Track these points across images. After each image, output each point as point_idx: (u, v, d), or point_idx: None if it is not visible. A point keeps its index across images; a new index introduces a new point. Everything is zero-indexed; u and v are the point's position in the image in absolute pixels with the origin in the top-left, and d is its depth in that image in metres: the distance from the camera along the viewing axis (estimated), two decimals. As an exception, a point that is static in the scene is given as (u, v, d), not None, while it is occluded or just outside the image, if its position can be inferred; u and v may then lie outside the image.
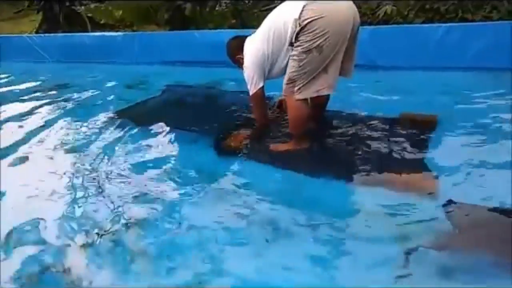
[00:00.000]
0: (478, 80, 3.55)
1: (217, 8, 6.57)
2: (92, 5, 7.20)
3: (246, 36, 2.70)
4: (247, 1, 6.57)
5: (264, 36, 2.49)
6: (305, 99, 2.41)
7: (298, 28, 2.26)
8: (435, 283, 1.51)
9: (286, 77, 2.42)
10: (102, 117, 3.50)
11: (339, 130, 2.76)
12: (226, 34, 4.38)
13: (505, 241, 1.64)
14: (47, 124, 3.49)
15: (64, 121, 3.57)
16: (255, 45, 2.55)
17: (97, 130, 3.22)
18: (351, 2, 2.35)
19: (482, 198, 1.90)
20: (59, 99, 4.27)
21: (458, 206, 1.86)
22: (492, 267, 1.53)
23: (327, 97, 2.68)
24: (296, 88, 2.38)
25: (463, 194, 1.95)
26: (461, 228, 1.75)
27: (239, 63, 2.70)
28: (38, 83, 5.03)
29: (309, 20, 2.22)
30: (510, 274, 1.49)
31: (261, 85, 2.58)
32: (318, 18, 2.21)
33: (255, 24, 2.67)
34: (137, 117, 3.42)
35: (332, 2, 2.28)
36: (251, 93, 2.62)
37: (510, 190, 1.95)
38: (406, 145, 2.49)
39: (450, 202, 1.89)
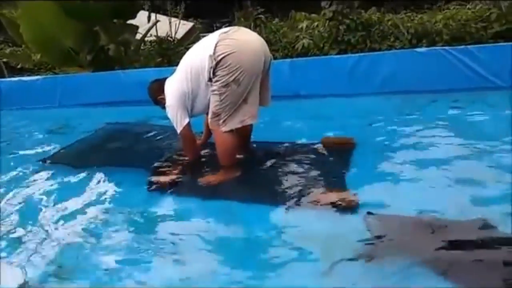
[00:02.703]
0: (388, 103, 3.91)
1: (142, 48, 6.60)
2: (8, 50, 6.87)
3: (165, 78, 2.76)
4: (172, 39, 6.69)
5: (182, 75, 2.58)
6: (231, 131, 2.51)
7: (213, 63, 2.38)
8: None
9: (210, 112, 2.52)
10: (26, 165, 3.30)
11: (266, 158, 2.86)
12: (152, 72, 4.43)
13: (420, 244, 1.80)
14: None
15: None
16: (175, 85, 2.62)
17: (23, 179, 3.05)
18: (261, 39, 2.55)
19: (398, 209, 2.08)
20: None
21: (376, 217, 2.02)
22: (411, 268, 1.67)
23: (250, 127, 2.80)
24: (221, 121, 2.48)
25: (381, 206, 2.12)
26: (380, 236, 1.90)
27: (161, 104, 2.74)
28: None
29: (223, 55, 2.36)
30: (427, 273, 1.63)
31: (186, 121, 2.63)
32: (231, 53, 2.35)
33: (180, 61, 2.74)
34: (68, 159, 3.31)
35: (244, 38, 2.45)
36: (178, 131, 2.67)
37: (422, 199, 2.16)
38: (328, 166, 2.66)
39: (369, 214, 2.05)
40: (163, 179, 2.73)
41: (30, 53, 6.17)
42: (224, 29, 2.51)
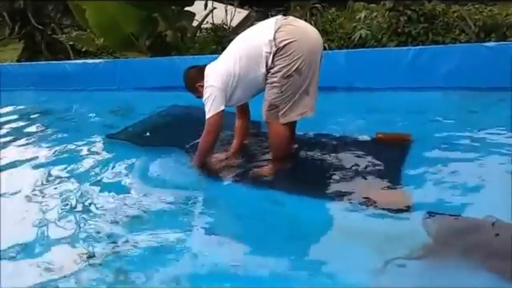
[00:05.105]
0: (449, 99, 3.71)
1: (198, 35, 6.71)
2: (74, 33, 7.24)
3: (204, 65, 2.64)
4: (227, 27, 6.74)
5: (230, 59, 2.46)
6: (288, 123, 2.46)
7: (274, 49, 2.30)
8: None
9: (266, 104, 2.45)
10: (88, 141, 3.56)
11: (319, 151, 2.83)
12: (206, 59, 4.47)
13: (482, 249, 1.71)
14: (33, 150, 3.54)
15: (50, 146, 3.59)
16: (221, 67, 2.49)
17: (83, 154, 3.28)
18: (314, 28, 2.48)
19: (456, 210, 1.99)
20: (42, 126, 4.29)
21: (435, 218, 1.94)
22: (470, 274, 1.60)
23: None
24: (280, 113, 2.42)
25: (437, 207, 2.03)
26: (438, 238, 1.82)
27: (198, 92, 2.60)
28: (21, 111, 5.02)
29: (286, 41, 2.28)
30: (488, 281, 1.56)
31: (221, 108, 2.46)
32: (293, 41, 2.29)
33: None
34: (133, 137, 3.50)
35: (303, 26, 2.40)
36: (208, 116, 2.47)
37: (483, 202, 2.05)
38: (382, 163, 2.58)
39: (429, 214, 1.97)
40: (214, 164, 2.77)
41: (93, 37, 6.46)
42: (280, 16, 2.44)
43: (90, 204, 2.47)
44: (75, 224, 2.28)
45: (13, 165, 3.24)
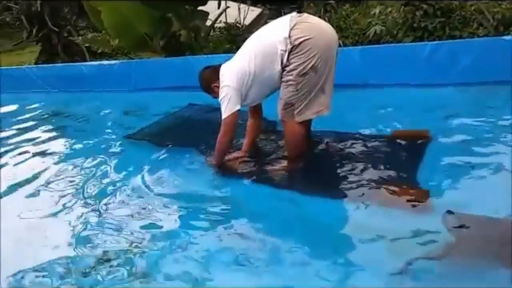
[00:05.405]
0: (467, 94, 3.63)
1: (211, 34, 6.73)
2: (89, 35, 7.34)
3: (219, 64, 2.63)
4: (240, 26, 6.74)
5: (245, 58, 2.45)
6: (303, 122, 2.45)
7: (289, 47, 2.29)
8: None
9: (281, 103, 2.44)
10: (105, 141, 3.62)
11: (334, 149, 2.81)
12: (220, 58, 4.49)
13: (503, 249, 1.68)
14: (50, 151, 3.62)
15: (68, 147, 3.70)
16: (236, 66, 2.48)
17: (101, 155, 3.32)
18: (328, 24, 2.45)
19: (475, 209, 1.95)
20: (60, 127, 4.39)
21: (456, 216, 1.90)
22: (492, 274, 1.57)
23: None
24: (296, 111, 2.40)
25: (456, 206, 1.99)
26: (460, 237, 1.79)
27: (214, 92, 2.61)
28: (38, 112, 5.12)
29: (301, 39, 2.26)
30: (508, 280, 1.53)
31: (237, 108, 2.47)
32: (309, 38, 2.27)
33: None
34: (151, 137, 3.55)
35: (318, 23, 2.38)
36: (224, 116, 2.48)
37: (504, 200, 1.99)
38: (400, 160, 2.55)
39: (449, 212, 1.93)
40: (229, 163, 2.77)
41: (109, 39, 6.54)
42: (294, 14, 2.42)
43: (107, 203, 2.51)
44: (92, 223, 2.31)
45: (29, 165, 3.30)
